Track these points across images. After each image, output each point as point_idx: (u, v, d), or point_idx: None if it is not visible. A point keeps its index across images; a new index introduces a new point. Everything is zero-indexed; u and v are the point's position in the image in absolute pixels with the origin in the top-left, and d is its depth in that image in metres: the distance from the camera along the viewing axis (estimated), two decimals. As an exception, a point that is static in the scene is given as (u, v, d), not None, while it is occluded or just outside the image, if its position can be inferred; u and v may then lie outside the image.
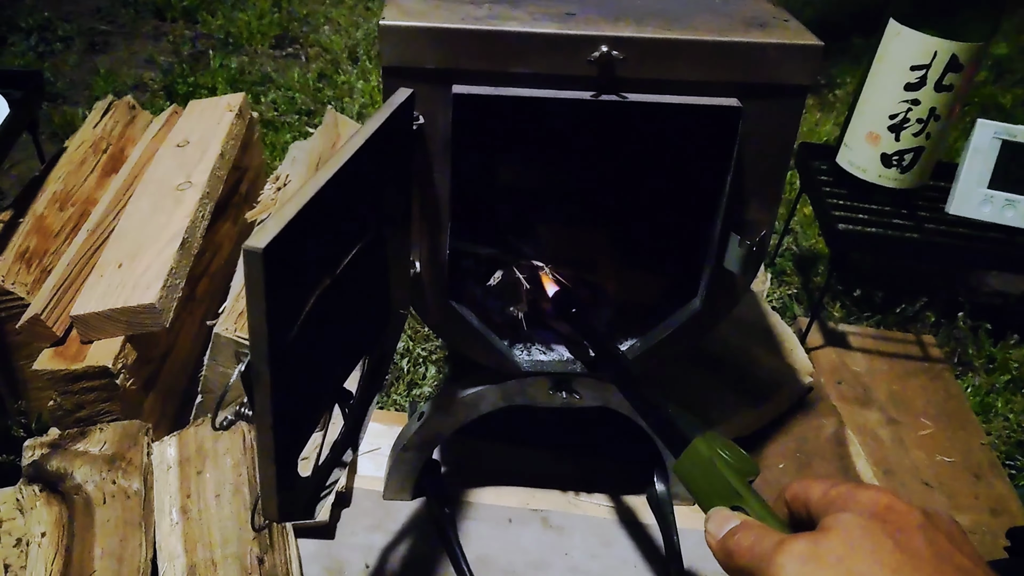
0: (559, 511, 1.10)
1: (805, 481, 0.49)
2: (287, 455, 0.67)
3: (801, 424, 1.19)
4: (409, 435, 1.04)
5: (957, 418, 1.30)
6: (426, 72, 0.78)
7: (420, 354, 1.38)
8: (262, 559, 0.89)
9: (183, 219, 1.17)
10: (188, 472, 0.97)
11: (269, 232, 0.54)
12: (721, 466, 0.54)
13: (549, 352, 0.99)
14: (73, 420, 1.04)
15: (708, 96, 0.80)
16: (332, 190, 0.62)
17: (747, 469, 0.54)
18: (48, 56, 2.28)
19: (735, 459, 0.55)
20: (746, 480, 0.54)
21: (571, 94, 0.79)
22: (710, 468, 0.55)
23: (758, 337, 1.30)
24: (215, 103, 1.51)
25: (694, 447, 0.57)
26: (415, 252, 0.87)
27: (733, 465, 0.54)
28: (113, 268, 1.09)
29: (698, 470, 0.56)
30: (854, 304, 1.55)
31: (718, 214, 0.86)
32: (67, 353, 1.03)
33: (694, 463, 0.56)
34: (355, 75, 2.24)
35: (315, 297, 0.66)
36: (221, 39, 2.42)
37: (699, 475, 0.56)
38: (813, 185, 1.40)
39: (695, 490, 0.56)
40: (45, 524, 0.91)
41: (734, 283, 0.91)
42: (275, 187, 1.47)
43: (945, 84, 1.22)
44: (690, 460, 0.57)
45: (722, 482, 0.54)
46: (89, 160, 1.35)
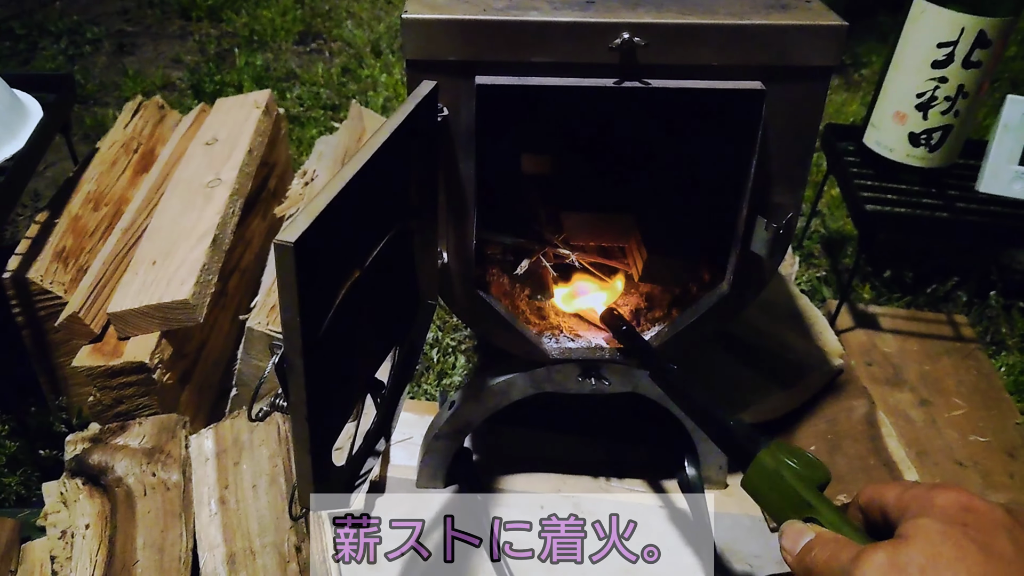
0: (590, 496, 1.11)
1: (879, 485, 0.47)
2: (322, 445, 0.68)
3: (832, 406, 1.18)
4: (440, 424, 1.05)
5: (990, 397, 1.29)
6: (449, 64, 0.78)
7: (449, 344, 1.39)
8: (299, 548, 0.90)
9: (214, 216, 1.19)
10: (225, 464, 0.99)
11: (299, 226, 0.55)
12: (789, 477, 0.53)
13: (577, 339, 0.99)
14: (112, 415, 1.07)
15: (731, 80, 0.80)
16: (360, 184, 0.63)
17: (817, 476, 0.53)
18: (78, 59, 2.32)
19: (803, 466, 0.53)
20: (816, 488, 0.52)
21: (594, 82, 0.79)
22: (778, 481, 0.53)
23: (787, 320, 1.30)
24: (242, 100, 1.53)
25: (759, 461, 0.55)
26: (442, 243, 0.87)
27: (802, 474, 0.53)
28: (147, 266, 1.11)
29: (766, 484, 0.54)
30: (884, 285, 1.54)
31: (744, 198, 0.86)
32: (105, 349, 1.06)
33: (761, 477, 0.55)
34: (378, 69, 2.26)
35: (345, 289, 0.67)
36: (246, 37, 2.45)
37: (767, 489, 0.54)
38: (840, 166, 1.39)
39: (765, 504, 0.55)
40: (89, 516, 0.93)
41: (761, 267, 0.91)
42: (303, 182, 1.49)
43: (973, 60, 1.21)
44: (757, 475, 0.55)
45: (792, 493, 0.52)
46: (121, 160, 1.37)
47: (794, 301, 1.34)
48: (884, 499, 0.46)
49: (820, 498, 0.50)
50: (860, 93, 2.20)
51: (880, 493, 0.46)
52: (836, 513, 0.49)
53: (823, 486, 0.52)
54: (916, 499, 0.43)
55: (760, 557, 1.04)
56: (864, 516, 0.48)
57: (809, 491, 0.51)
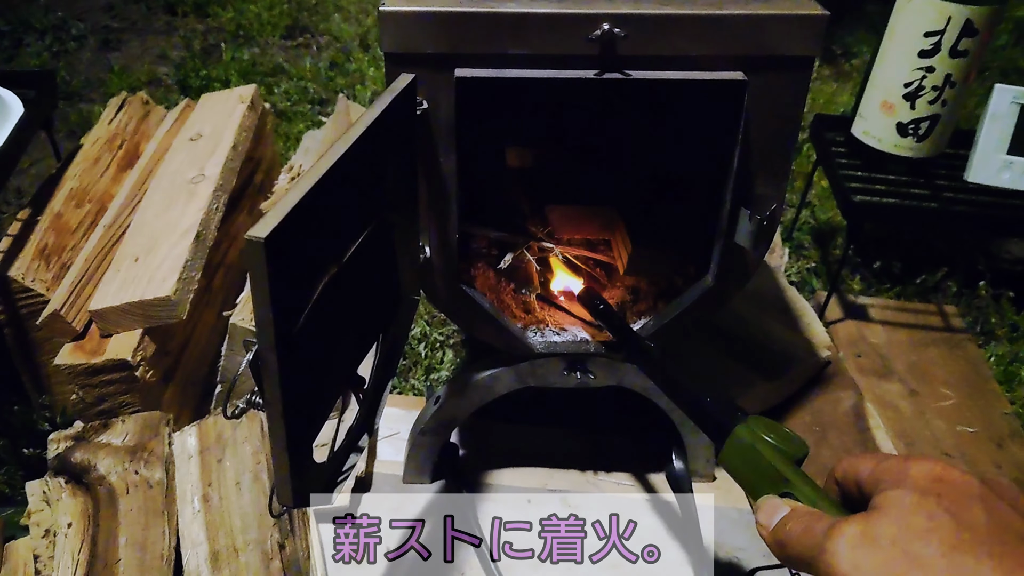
0: (577, 490, 1.10)
1: (854, 458, 0.47)
2: (300, 441, 0.68)
3: (819, 398, 1.18)
4: (426, 419, 1.04)
5: (979, 387, 1.29)
6: (428, 57, 0.77)
7: (437, 339, 1.39)
8: (283, 545, 0.90)
9: (197, 212, 1.18)
10: (209, 461, 0.98)
11: (271, 222, 0.54)
12: (766, 451, 0.52)
13: (562, 333, 0.99)
14: (95, 413, 1.06)
15: (712, 71, 0.79)
16: (334, 178, 0.62)
17: (794, 450, 0.52)
18: (63, 55, 2.30)
19: (781, 441, 0.53)
20: (794, 462, 0.51)
21: (574, 73, 0.79)
22: (754, 455, 0.53)
23: (775, 312, 1.29)
24: (227, 95, 1.51)
25: (736, 435, 0.54)
26: (424, 237, 0.87)
27: (779, 448, 0.52)
28: (129, 262, 1.10)
29: (742, 459, 0.54)
30: (873, 276, 1.54)
31: (727, 189, 0.86)
32: (87, 347, 1.05)
33: (737, 452, 0.54)
34: (366, 63, 2.24)
35: (322, 285, 0.66)
36: (232, 32, 2.43)
37: (744, 464, 0.54)
38: (829, 157, 1.39)
39: (742, 480, 0.54)
40: (71, 515, 0.93)
41: (745, 259, 0.91)
42: (289, 177, 1.48)
43: (960, 50, 1.20)
44: (733, 450, 0.55)
45: (768, 468, 0.51)
46: (104, 157, 1.36)
47: (782, 293, 1.34)
48: (859, 471, 0.45)
49: (796, 472, 0.50)
50: (850, 83, 2.20)
51: (855, 466, 0.46)
52: (812, 487, 0.48)
53: (800, 461, 0.51)
54: (890, 471, 0.43)
55: (746, 550, 1.04)
56: (840, 489, 0.47)
57: (785, 466, 0.50)
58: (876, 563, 0.39)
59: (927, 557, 0.38)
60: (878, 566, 0.39)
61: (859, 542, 0.40)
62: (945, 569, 0.37)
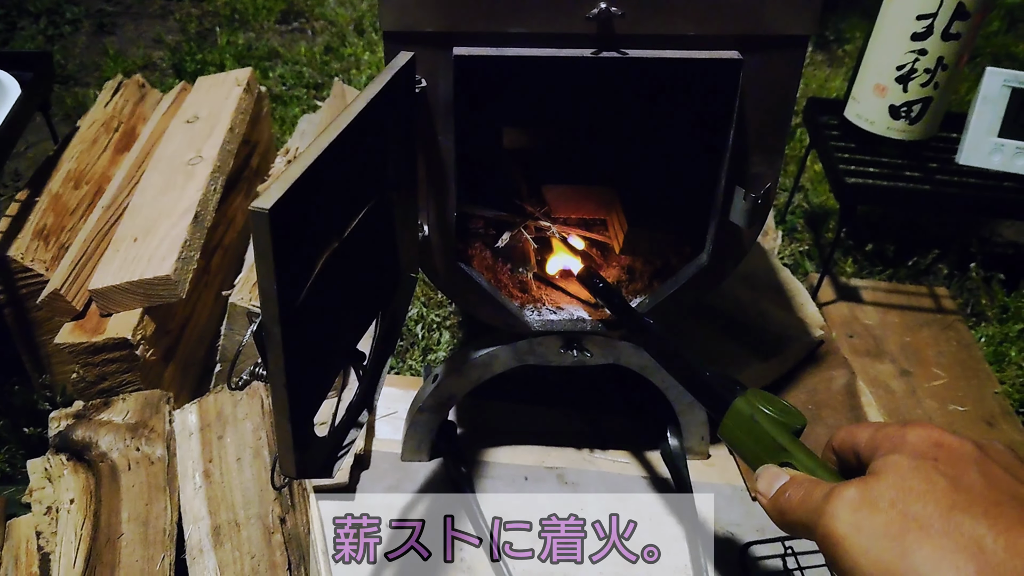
0: (574, 468, 1.12)
1: (851, 427, 0.48)
2: (302, 413, 0.69)
3: (812, 376, 1.20)
4: (424, 397, 1.05)
5: (970, 368, 1.31)
6: (426, 36, 0.78)
7: (434, 320, 1.39)
8: (284, 519, 0.91)
9: (195, 193, 1.19)
10: (209, 437, 0.99)
11: (274, 193, 0.55)
12: (764, 423, 0.53)
13: (559, 311, 1.00)
14: (96, 391, 1.07)
15: (708, 50, 0.80)
16: (336, 153, 0.63)
17: (792, 421, 0.53)
18: (57, 39, 2.30)
19: (779, 413, 0.54)
20: (792, 433, 0.52)
21: (572, 52, 0.80)
22: (754, 427, 0.54)
23: (768, 293, 1.31)
24: (223, 78, 1.52)
25: (735, 408, 0.55)
26: (423, 215, 0.88)
27: (777, 420, 0.53)
28: (129, 242, 1.11)
29: (742, 430, 0.55)
30: (866, 259, 1.55)
31: (722, 168, 0.87)
32: (87, 326, 1.06)
33: (737, 424, 0.55)
34: (361, 47, 2.24)
35: (324, 259, 0.67)
36: (227, 16, 2.43)
37: (743, 435, 0.55)
38: (822, 140, 1.40)
39: (742, 451, 0.55)
40: (73, 491, 0.94)
41: (740, 237, 0.92)
42: (285, 160, 1.49)
43: (952, 32, 1.21)
44: (733, 421, 0.56)
45: (767, 439, 0.52)
46: (101, 139, 1.37)
47: (775, 274, 1.35)
48: (857, 439, 0.46)
49: (795, 443, 0.51)
50: (843, 69, 2.20)
51: (853, 434, 0.47)
52: (811, 457, 0.49)
53: (798, 432, 0.52)
54: (888, 437, 0.44)
55: (740, 525, 1.05)
56: (838, 458, 0.48)
57: (784, 436, 0.51)
58: (875, 524, 0.40)
59: (925, 518, 0.38)
60: (877, 527, 0.39)
61: (858, 505, 0.41)
62: (942, 529, 0.38)
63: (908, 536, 0.38)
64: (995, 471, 0.40)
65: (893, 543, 0.39)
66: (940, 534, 0.38)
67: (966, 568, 0.36)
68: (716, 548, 1.02)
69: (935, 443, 0.42)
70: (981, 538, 0.37)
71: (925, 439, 0.42)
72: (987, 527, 0.37)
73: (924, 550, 0.38)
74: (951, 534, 0.37)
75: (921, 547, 0.38)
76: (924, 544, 0.38)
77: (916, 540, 0.38)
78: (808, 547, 0.99)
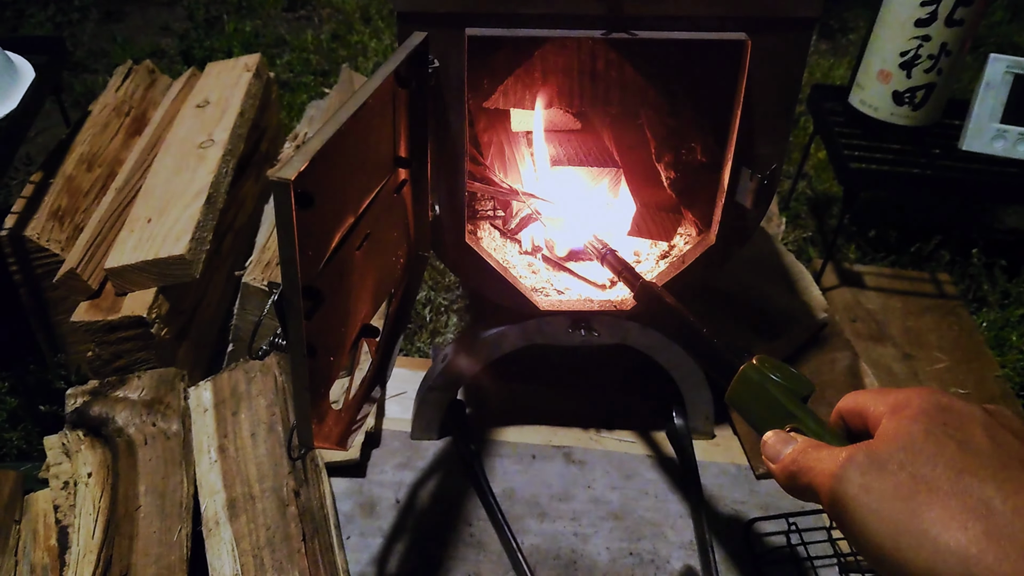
0: (581, 447, 1.13)
1: (858, 392, 0.48)
2: (320, 384, 0.71)
3: (816, 358, 1.21)
4: (434, 376, 1.07)
5: (971, 352, 1.32)
6: (439, 16, 0.80)
7: (441, 303, 1.41)
8: (298, 492, 0.93)
9: (207, 175, 1.20)
10: (224, 414, 1.01)
11: (296, 165, 0.57)
12: (773, 389, 0.53)
13: (567, 291, 1.01)
14: (111, 369, 1.08)
15: (716, 31, 0.82)
16: (352, 128, 0.65)
17: (800, 388, 0.53)
18: (66, 26, 2.31)
19: (787, 379, 0.53)
20: (800, 399, 0.52)
21: (583, 33, 0.81)
22: (762, 393, 0.53)
23: (773, 276, 1.32)
24: (232, 64, 1.53)
25: (744, 374, 0.55)
26: (433, 194, 0.89)
27: (785, 386, 0.53)
28: (143, 223, 1.13)
29: (750, 396, 0.55)
30: (869, 245, 1.57)
31: (729, 149, 0.88)
32: (103, 305, 1.07)
33: (746, 390, 0.55)
34: (368, 34, 2.26)
35: (342, 233, 0.69)
36: (235, 3, 2.44)
37: (752, 401, 0.54)
38: (826, 126, 1.41)
39: (750, 417, 0.55)
40: (91, 465, 0.95)
41: (746, 217, 0.94)
42: (294, 145, 1.50)
43: (956, 19, 1.22)
44: (741, 387, 0.55)
45: (776, 405, 0.52)
46: (113, 123, 1.38)
47: (780, 258, 1.37)
48: (864, 405, 0.46)
49: (803, 408, 0.51)
50: (847, 58, 2.21)
51: (859, 399, 0.47)
52: (818, 422, 0.50)
53: (806, 398, 0.52)
54: (896, 402, 0.44)
55: (745, 503, 1.07)
56: (845, 424, 0.48)
57: (792, 402, 0.51)
58: (885, 486, 0.40)
59: (934, 480, 0.39)
60: (887, 489, 0.40)
61: (867, 467, 0.41)
62: (951, 491, 0.38)
63: (917, 497, 0.39)
64: (1003, 435, 0.41)
65: (903, 504, 0.39)
66: (949, 495, 0.38)
67: (974, 529, 0.37)
68: (721, 525, 1.04)
69: (943, 407, 0.42)
70: (990, 500, 0.37)
71: (933, 403, 0.42)
72: (995, 489, 0.38)
73: (933, 511, 0.38)
74: (960, 496, 0.38)
75: (931, 508, 0.38)
76: (933, 505, 0.38)
77: (925, 501, 0.38)
78: (811, 524, 1.01)
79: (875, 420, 0.45)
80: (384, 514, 1.03)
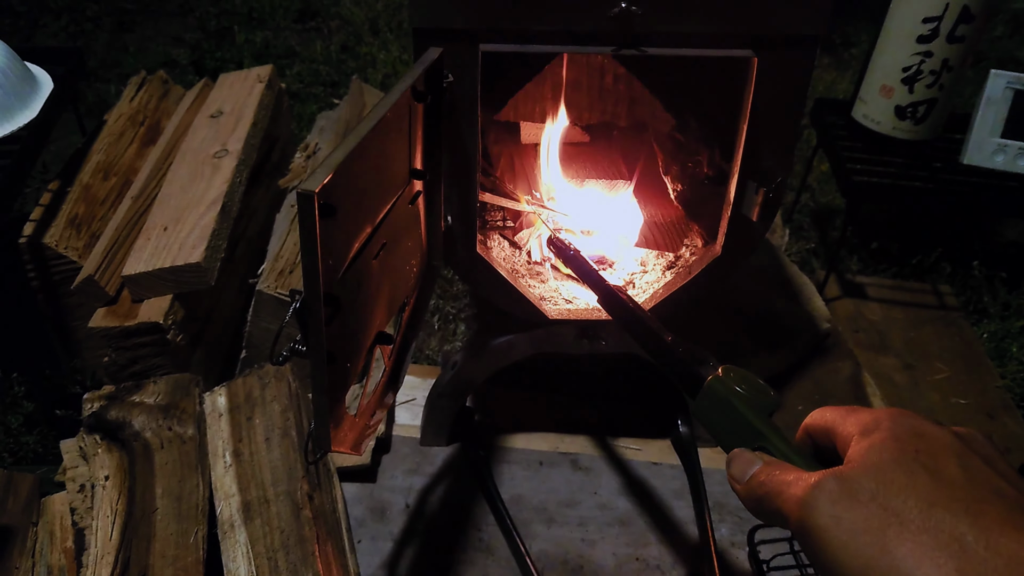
0: (588, 454, 1.15)
1: (826, 409, 0.46)
2: (337, 389, 0.73)
3: (819, 368, 1.23)
4: (443, 383, 1.09)
5: (972, 362, 1.34)
6: (454, 32, 0.82)
7: (450, 312, 1.43)
8: (311, 496, 0.95)
9: (222, 184, 1.23)
10: (239, 419, 1.03)
11: (320, 177, 0.59)
12: (739, 404, 0.52)
13: (575, 301, 1.03)
14: (127, 375, 1.10)
15: (723, 48, 0.84)
16: (372, 141, 0.67)
17: (766, 402, 0.52)
18: (78, 36, 2.34)
19: (753, 393, 0.52)
20: (766, 415, 0.51)
21: (594, 49, 0.83)
22: (728, 408, 0.52)
23: (777, 287, 1.34)
24: (245, 75, 1.56)
25: (709, 387, 0.54)
26: (446, 205, 0.91)
27: (751, 401, 0.52)
28: (159, 231, 1.15)
29: (716, 411, 0.53)
30: (871, 257, 1.59)
31: (735, 163, 0.90)
32: (119, 311, 1.10)
33: (711, 404, 0.53)
34: (377, 46, 2.28)
35: (361, 243, 0.71)
36: (245, 15, 2.47)
37: (717, 416, 0.53)
38: (829, 140, 1.43)
39: (715, 432, 0.54)
40: (108, 468, 0.97)
41: (751, 229, 0.96)
42: (304, 155, 1.53)
43: (957, 35, 1.25)
44: (707, 401, 0.54)
45: (742, 421, 0.51)
46: (128, 132, 1.41)
47: (784, 270, 1.39)
48: (832, 423, 0.45)
49: (770, 426, 0.50)
50: (850, 72, 2.24)
51: (828, 417, 0.45)
52: (785, 442, 0.49)
53: (772, 412, 0.51)
54: (865, 424, 0.43)
55: (746, 510, 1.08)
56: (813, 442, 0.47)
57: (759, 419, 0.50)
58: (855, 518, 0.39)
59: (905, 513, 0.38)
60: (857, 521, 0.39)
61: (838, 497, 0.40)
62: (923, 526, 0.37)
63: (888, 532, 0.38)
64: (975, 463, 0.40)
65: (873, 538, 0.38)
66: (921, 531, 0.37)
67: (947, 566, 0.36)
68: (725, 531, 1.06)
69: (915, 432, 0.41)
70: (962, 536, 0.36)
71: (905, 428, 0.41)
72: (968, 525, 0.37)
73: (905, 547, 0.37)
74: (932, 531, 0.37)
75: (902, 543, 0.37)
76: (905, 540, 0.37)
77: (896, 536, 0.38)
78: (814, 530, 1.03)
79: (843, 440, 0.44)
80: (394, 519, 1.05)
